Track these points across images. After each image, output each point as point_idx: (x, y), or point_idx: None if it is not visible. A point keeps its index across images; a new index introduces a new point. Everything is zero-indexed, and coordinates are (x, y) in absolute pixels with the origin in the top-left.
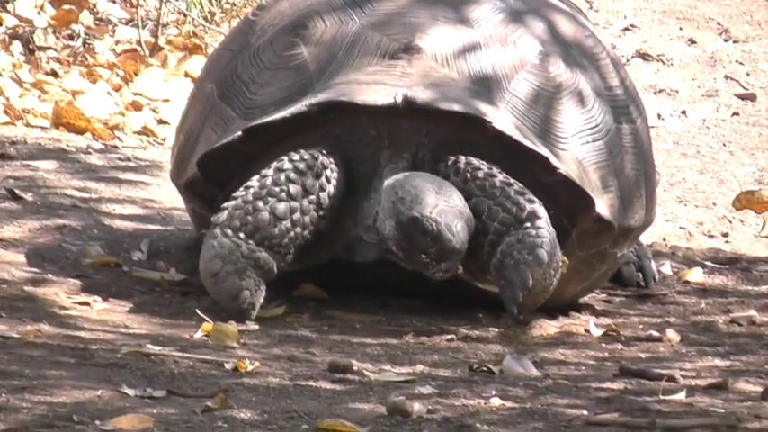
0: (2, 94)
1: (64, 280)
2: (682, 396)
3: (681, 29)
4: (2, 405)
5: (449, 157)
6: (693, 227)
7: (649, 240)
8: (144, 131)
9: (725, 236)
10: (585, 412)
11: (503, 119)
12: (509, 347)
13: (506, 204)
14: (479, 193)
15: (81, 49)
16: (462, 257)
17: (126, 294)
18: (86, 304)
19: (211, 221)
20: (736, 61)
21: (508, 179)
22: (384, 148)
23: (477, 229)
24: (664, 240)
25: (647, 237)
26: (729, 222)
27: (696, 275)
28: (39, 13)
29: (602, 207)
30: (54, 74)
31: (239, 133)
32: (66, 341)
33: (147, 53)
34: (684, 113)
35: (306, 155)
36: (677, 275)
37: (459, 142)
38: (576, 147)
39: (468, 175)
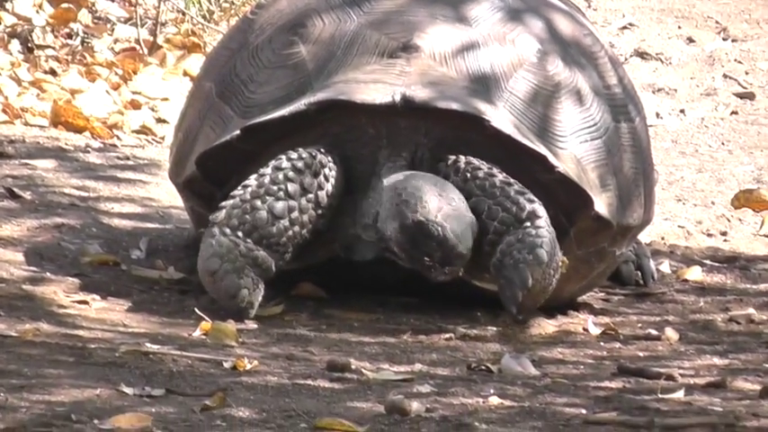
0: (0, 92)
1: (62, 278)
2: (680, 395)
3: (679, 27)
4: (0, 404)
5: (449, 157)
6: (692, 225)
7: (648, 239)
8: (143, 130)
9: (723, 234)
10: (584, 411)
11: (501, 118)
12: (507, 346)
13: (506, 204)
14: (479, 192)
15: (80, 48)
16: (466, 262)
17: (124, 293)
18: (85, 303)
19: (209, 220)
20: (735, 60)
21: (508, 179)
22: (383, 146)
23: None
24: (662, 239)
25: (645, 235)
26: (728, 221)
27: (695, 274)
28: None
29: (601, 206)
30: (53, 72)
31: (238, 132)
32: (65, 340)
33: (145, 52)
34: (683, 112)
35: (304, 153)
36: (676, 274)
37: (457, 141)
38: (575, 145)
39: (469, 175)
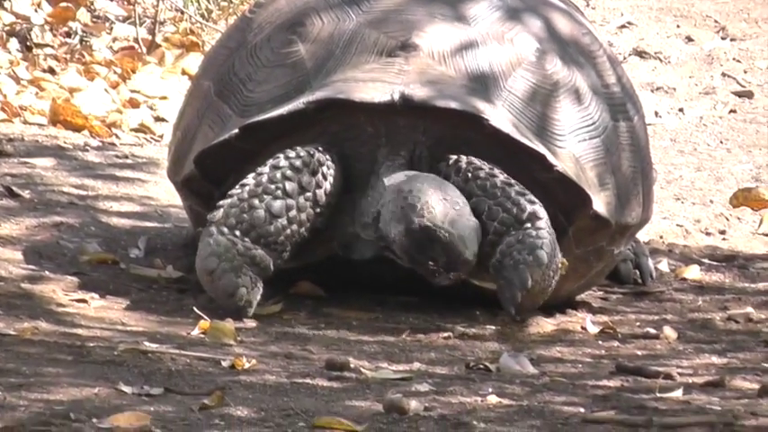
0: None
1: (61, 277)
2: (678, 394)
3: (678, 26)
4: None
5: (449, 157)
6: (690, 224)
7: (646, 238)
8: (141, 129)
9: (722, 233)
10: (582, 410)
11: (500, 116)
12: (506, 345)
13: (507, 205)
14: (480, 192)
15: (78, 47)
16: (471, 267)
17: (123, 292)
18: (83, 301)
19: (207, 219)
20: (734, 59)
21: (509, 179)
22: (381, 145)
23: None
24: (661, 238)
25: (644, 234)
26: (726, 220)
27: (693, 273)
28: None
29: (600, 204)
30: (51, 71)
31: (236, 131)
32: (64, 338)
33: (144, 50)
34: (682, 111)
35: (302, 152)
36: (674, 273)
37: (456, 140)
38: (573, 144)
39: (470, 175)
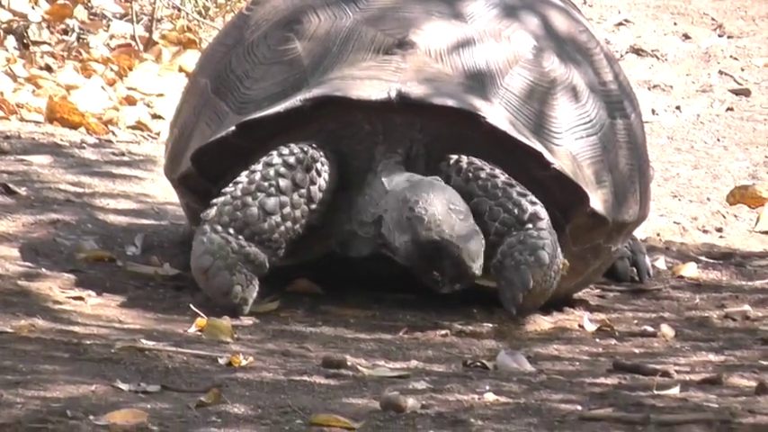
0: None
1: (58, 274)
2: (676, 391)
3: (675, 24)
4: None
5: (450, 157)
6: (688, 222)
7: (643, 235)
8: (138, 126)
9: (719, 231)
10: (579, 407)
11: (497, 114)
12: (503, 343)
13: (508, 205)
14: (481, 193)
15: (75, 44)
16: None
17: (120, 289)
18: (80, 299)
19: (201, 218)
20: (731, 57)
21: (510, 180)
22: (378, 143)
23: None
24: (658, 235)
25: (641, 232)
26: (723, 217)
27: (690, 270)
28: (33, 8)
29: (597, 202)
30: (48, 68)
31: (233, 128)
32: (60, 336)
33: (141, 48)
34: (679, 109)
35: (295, 148)
36: (671, 270)
37: (453, 137)
38: (570, 142)
39: (471, 175)
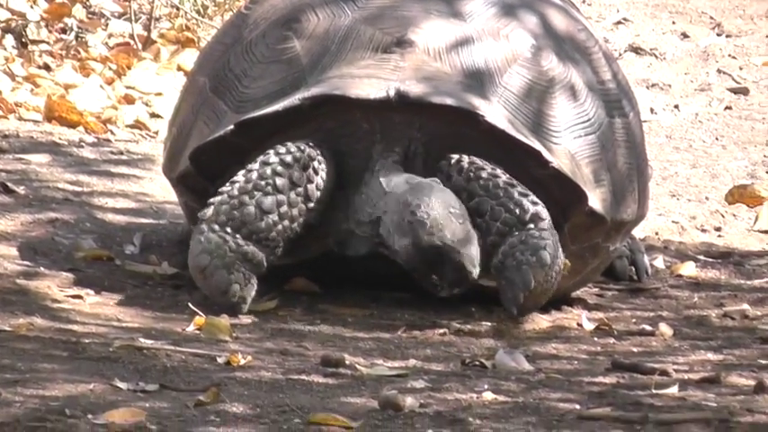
0: None
1: (56, 273)
2: (674, 390)
3: (674, 23)
4: None
5: (451, 156)
6: (686, 221)
7: (642, 234)
8: (136, 125)
9: (717, 230)
10: (578, 406)
11: (495, 113)
12: (501, 342)
13: (509, 205)
14: (482, 193)
15: (74, 43)
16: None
17: (118, 288)
18: (79, 298)
19: (198, 217)
20: (729, 55)
21: (511, 180)
22: (376, 141)
23: (480, 229)
24: (656, 234)
25: (639, 231)
26: (722, 216)
27: (689, 269)
28: (31, 7)
29: (595, 201)
30: (46, 67)
31: (231, 127)
32: (59, 335)
33: (139, 47)
34: (677, 107)
35: (292, 147)
36: (670, 269)
37: (451, 136)
38: (569, 141)
39: (472, 175)
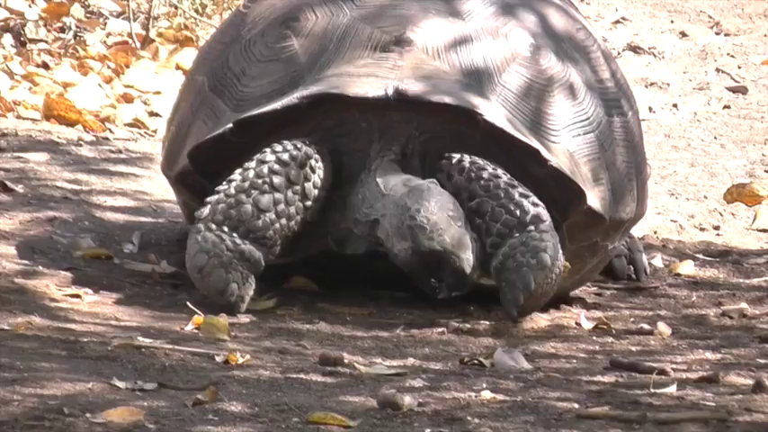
0: None
1: (55, 272)
2: (673, 389)
3: (672, 22)
4: None
5: (452, 155)
6: (685, 220)
7: (641, 233)
8: (135, 123)
9: (716, 229)
10: (576, 405)
11: (494, 111)
12: (500, 341)
13: (510, 207)
14: (483, 193)
15: (72, 42)
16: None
17: (117, 287)
18: (77, 296)
19: (195, 216)
20: (728, 54)
21: (513, 181)
22: (374, 140)
23: (480, 229)
24: (655, 233)
25: (638, 230)
26: (721, 215)
27: (687, 268)
28: (30, 6)
29: (594, 200)
30: (45, 66)
31: (230, 125)
32: (57, 333)
33: (138, 45)
34: (676, 106)
35: (289, 145)
36: (668, 268)
37: (450, 135)
38: (568, 139)
39: (473, 175)
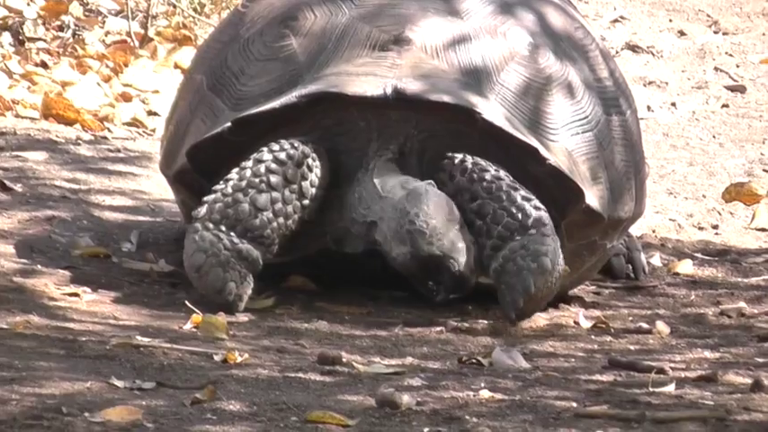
0: None
1: (53, 271)
2: (671, 388)
3: (670, 21)
4: None
5: (455, 155)
6: (683, 219)
7: (639, 232)
8: (133, 122)
9: (715, 228)
10: (575, 404)
11: (493, 110)
12: (499, 340)
13: (512, 209)
14: (485, 195)
15: (71, 41)
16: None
17: (115, 286)
18: (76, 295)
19: (192, 216)
20: (726, 53)
21: (515, 183)
22: (373, 139)
23: (480, 231)
24: (653, 232)
25: (636, 228)
26: (719, 214)
27: (686, 267)
28: (28, 4)
29: (592, 198)
30: (44, 65)
31: (228, 124)
32: (56, 332)
33: (136, 44)
34: (674, 105)
35: (286, 144)
36: (667, 267)
37: (448, 134)
38: (566, 138)
39: (475, 176)
